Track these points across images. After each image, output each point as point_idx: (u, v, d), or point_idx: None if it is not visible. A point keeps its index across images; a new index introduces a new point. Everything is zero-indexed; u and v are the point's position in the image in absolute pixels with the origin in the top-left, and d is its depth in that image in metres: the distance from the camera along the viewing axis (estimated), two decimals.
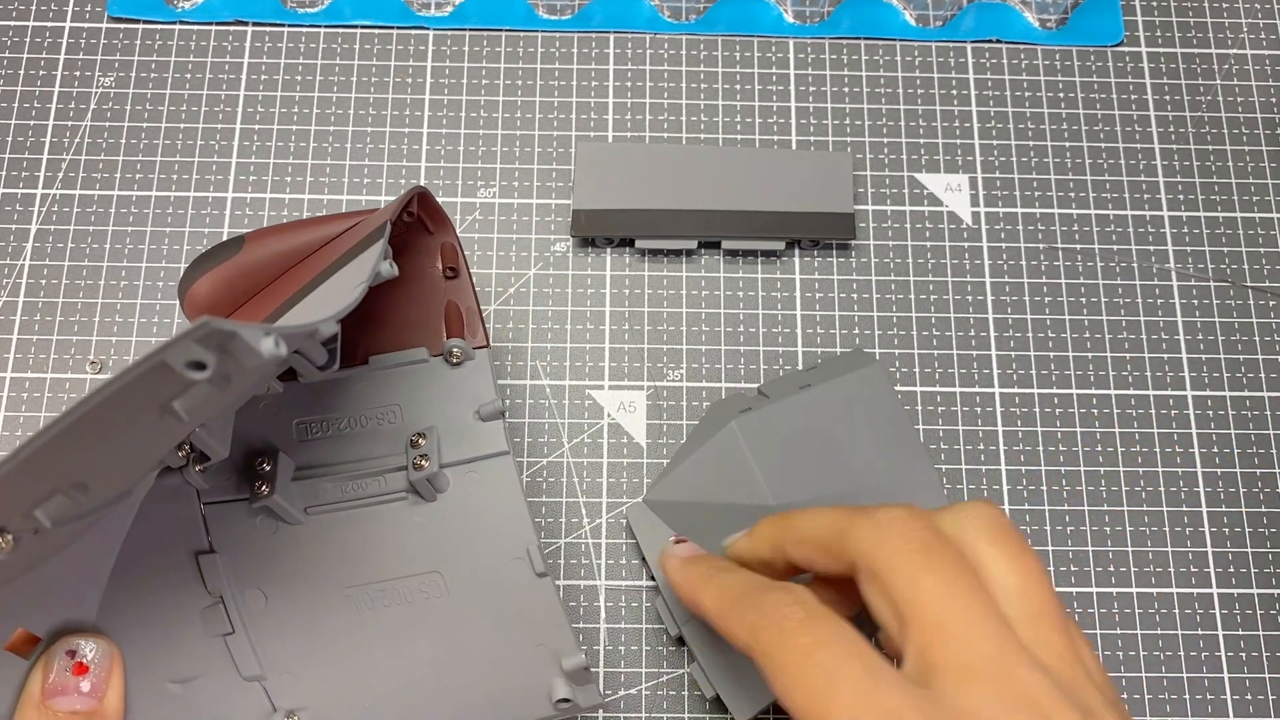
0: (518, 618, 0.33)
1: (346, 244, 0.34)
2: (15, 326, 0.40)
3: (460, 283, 0.36)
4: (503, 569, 0.34)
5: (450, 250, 0.37)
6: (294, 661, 0.33)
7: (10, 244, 0.41)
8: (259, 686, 0.32)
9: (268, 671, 0.32)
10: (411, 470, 0.34)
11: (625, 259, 0.41)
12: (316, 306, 0.29)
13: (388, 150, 0.42)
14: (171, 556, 0.32)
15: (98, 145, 0.42)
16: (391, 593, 0.34)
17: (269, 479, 0.33)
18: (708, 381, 0.40)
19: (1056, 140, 0.43)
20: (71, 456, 0.23)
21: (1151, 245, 0.42)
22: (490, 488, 0.35)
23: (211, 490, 0.33)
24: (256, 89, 0.43)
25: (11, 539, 0.24)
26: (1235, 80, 0.44)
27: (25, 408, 0.39)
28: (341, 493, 0.34)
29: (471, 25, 0.44)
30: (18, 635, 0.28)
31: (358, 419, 0.35)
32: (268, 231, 0.36)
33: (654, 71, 0.44)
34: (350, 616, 0.33)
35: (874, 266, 0.42)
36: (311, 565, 0.33)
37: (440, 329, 0.36)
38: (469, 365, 0.36)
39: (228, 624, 0.32)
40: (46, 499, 0.24)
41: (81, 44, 0.43)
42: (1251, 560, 0.38)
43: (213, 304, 0.35)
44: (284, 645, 0.33)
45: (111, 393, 0.21)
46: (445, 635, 0.33)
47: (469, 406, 0.35)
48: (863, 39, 0.44)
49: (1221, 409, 0.40)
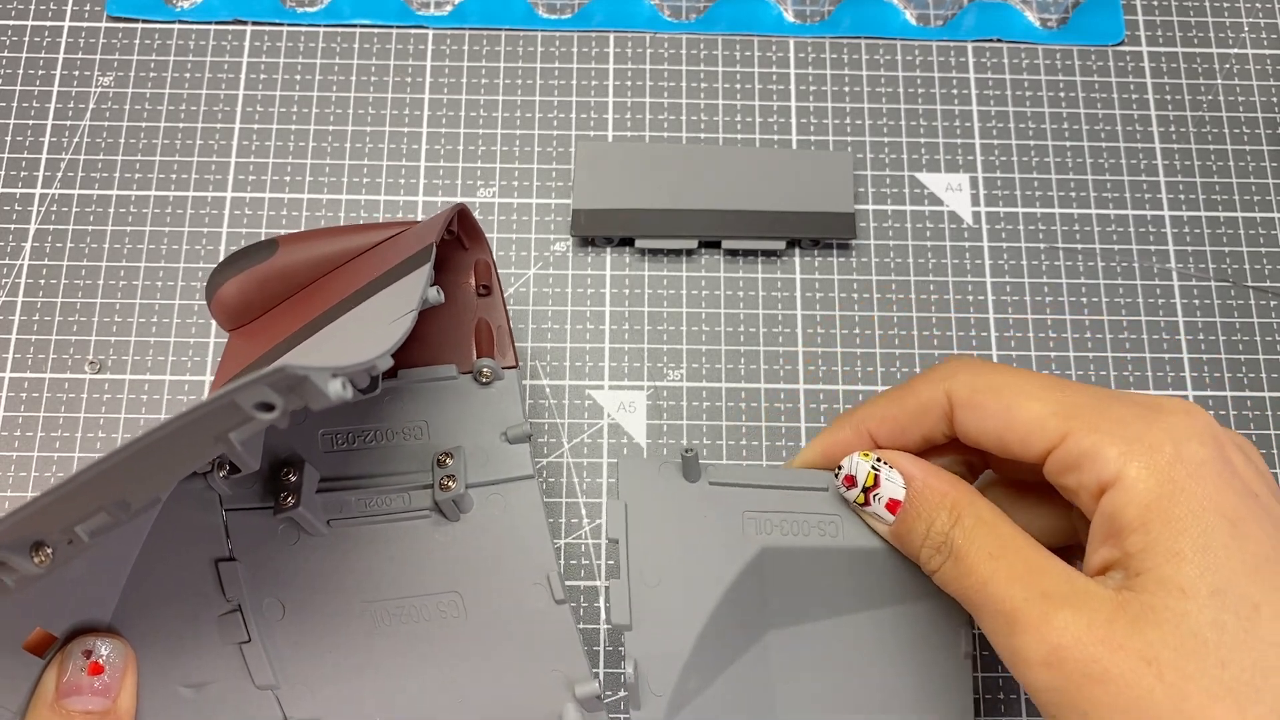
0: (533, 642, 0.33)
1: (384, 257, 0.34)
2: (15, 326, 0.40)
3: (492, 300, 0.36)
4: (521, 593, 0.33)
5: (484, 267, 0.36)
6: (308, 673, 0.32)
7: (10, 244, 0.41)
8: (272, 695, 0.32)
9: (281, 681, 0.32)
10: (438, 490, 0.34)
11: (625, 259, 0.41)
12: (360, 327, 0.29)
13: (388, 150, 0.42)
14: (191, 561, 0.32)
15: (97, 145, 0.42)
16: (409, 610, 0.33)
17: (294, 490, 0.33)
18: (708, 381, 0.40)
19: (1057, 140, 0.43)
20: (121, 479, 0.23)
21: (1152, 245, 0.42)
22: (513, 511, 0.34)
23: (234, 497, 0.33)
24: (256, 89, 0.43)
25: (50, 553, 0.24)
26: (1236, 80, 0.44)
27: (25, 408, 0.39)
28: (365, 507, 0.34)
29: (471, 25, 0.44)
30: (35, 634, 0.28)
31: (384, 432, 0.35)
32: (302, 236, 0.36)
33: (654, 71, 0.44)
34: (367, 631, 0.33)
35: (874, 266, 0.42)
36: (331, 578, 0.33)
37: (470, 346, 0.36)
38: (498, 385, 0.35)
39: (244, 632, 0.32)
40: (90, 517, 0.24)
41: (81, 43, 0.43)
42: None
43: (241, 306, 0.35)
44: (299, 656, 0.32)
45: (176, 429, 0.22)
46: (460, 655, 0.33)
47: (496, 427, 0.35)
48: (863, 38, 0.44)
49: (1222, 409, 0.40)
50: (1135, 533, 0.26)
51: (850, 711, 0.33)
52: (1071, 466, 0.28)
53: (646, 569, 0.32)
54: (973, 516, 0.29)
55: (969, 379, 0.30)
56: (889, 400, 0.32)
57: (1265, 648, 0.24)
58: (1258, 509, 0.26)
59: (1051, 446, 0.28)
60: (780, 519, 0.32)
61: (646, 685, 0.31)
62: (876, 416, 0.32)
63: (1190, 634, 0.24)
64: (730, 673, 0.32)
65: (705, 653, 0.32)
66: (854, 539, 0.32)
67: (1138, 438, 0.27)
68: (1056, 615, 0.26)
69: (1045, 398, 0.28)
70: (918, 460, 0.31)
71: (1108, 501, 0.27)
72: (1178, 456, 0.26)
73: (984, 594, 0.28)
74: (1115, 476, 0.26)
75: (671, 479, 0.33)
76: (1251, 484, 0.27)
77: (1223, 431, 0.28)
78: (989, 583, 0.28)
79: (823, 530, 0.32)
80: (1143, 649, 0.25)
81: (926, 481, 0.30)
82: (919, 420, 0.31)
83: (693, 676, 0.32)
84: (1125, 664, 0.25)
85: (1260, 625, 0.24)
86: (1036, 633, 0.26)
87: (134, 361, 0.40)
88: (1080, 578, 0.27)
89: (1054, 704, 0.26)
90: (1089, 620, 0.25)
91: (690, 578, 0.32)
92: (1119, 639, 0.25)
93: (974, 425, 0.30)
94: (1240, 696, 0.24)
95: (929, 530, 0.30)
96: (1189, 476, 0.26)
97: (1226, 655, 0.24)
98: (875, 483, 0.31)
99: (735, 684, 0.32)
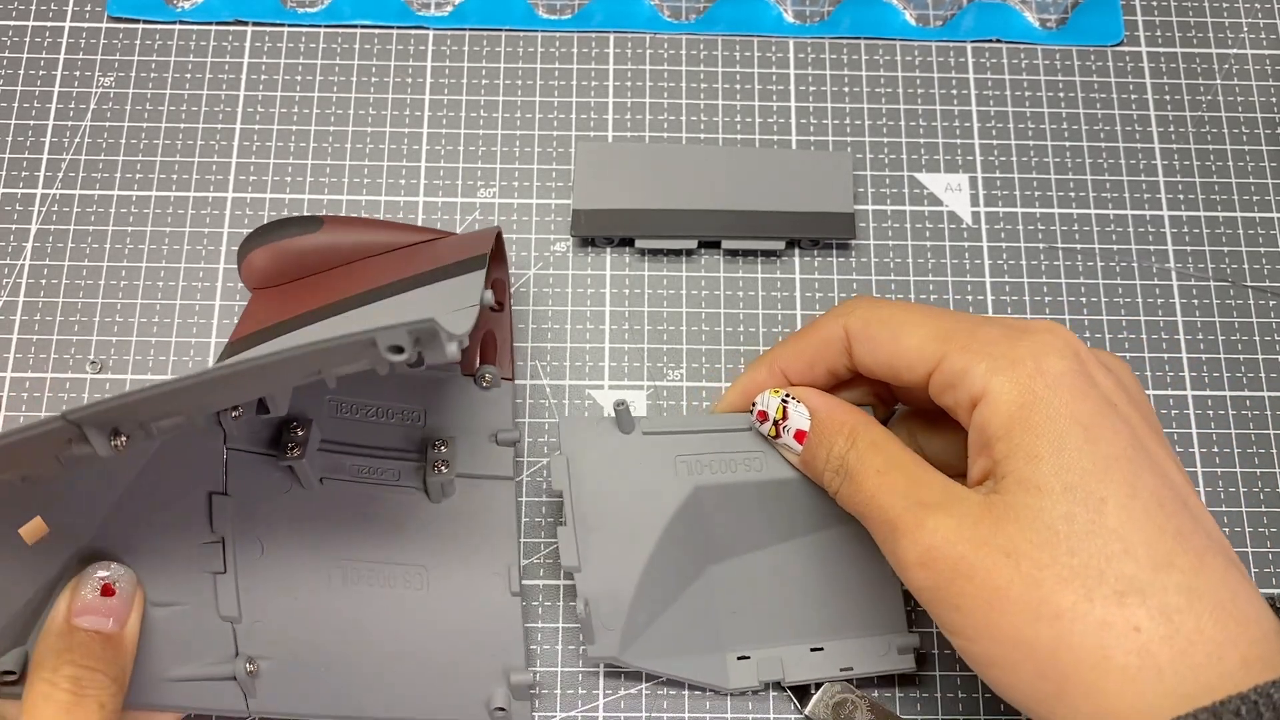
0: (481, 626, 0.35)
1: (419, 259, 0.37)
2: (15, 326, 0.40)
3: (502, 316, 0.39)
4: (481, 579, 0.36)
5: (500, 285, 0.39)
6: (269, 613, 0.34)
7: (10, 244, 0.41)
8: (230, 628, 0.33)
9: (244, 615, 0.33)
10: (431, 471, 0.36)
11: (625, 259, 0.41)
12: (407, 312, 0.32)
13: (388, 150, 0.42)
14: (187, 489, 0.33)
15: (98, 145, 0.42)
16: (378, 574, 0.35)
17: (301, 443, 0.35)
18: (708, 381, 0.40)
19: (1056, 140, 0.43)
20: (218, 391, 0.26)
21: (1151, 245, 0.42)
22: (490, 505, 0.37)
23: (238, 438, 0.34)
24: (256, 89, 0.43)
25: (125, 440, 0.26)
26: (1235, 80, 0.44)
27: (25, 408, 0.39)
28: (358, 472, 0.36)
29: (471, 25, 0.44)
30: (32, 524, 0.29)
31: (385, 410, 0.37)
32: (348, 221, 0.39)
33: (654, 71, 0.44)
34: (334, 586, 0.35)
35: (874, 266, 0.42)
36: (313, 530, 0.35)
37: (475, 352, 0.38)
38: (495, 391, 0.38)
39: (221, 564, 0.33)
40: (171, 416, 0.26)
41: (81, 44, 0.43)
42: (1251, 560, 0.38)
43: (271, 271, 0.38)
44: (265, 596, 0.34)
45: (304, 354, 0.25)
46: (413, 624, 0.35)
47: (487, 428, 0.38)
48: (863, 39, 0.44)
49: (1221, 409, 0.40)
50: (1000, 440, 0.28)
51: (791, 635, 0.36)
52: (948, 386, 0.30)
53: (590, 515, 0.35)
54: (866, 440, 0.32)
55: (864, 313, 0.33)
56: (797, 339, 0.35)
57: (1110, 536, 0.26)
58: (1112, 415, 0.28)
59: (931, 369, 0.30)
60: (710, 459, 0.35)
61: (600, 622, 0.34)
62: (787, 355, 0.35)
63: (1044, 527, 0.27)
64: (677, 606, 0.35)
65: (651, 588, 0.34)
66: (775, 471, 0.35)
67: (1003, 355, 0.29)
68: (929, 519, 0.28)
69: (926, 325, 0.31)
70: (822, 394, 0.34)
71: (978, 414, 0.29)
72: (1038, 370, 0.28)
73: (871, 506, 0.30)
74: (983, 391, 0.29)
75: (608, 432, 0.36)
76: (1110, 394, 0.29)
77: (1086, 349, 0.30)
78: (875, 495, 0.30)
79: (748, 466, 0.35)
80: (1003, 543, 0.27)
81: (829, 412, 0.33)
82: (823, 354, 0.34)
83: (641, 611, 0.34)
84: (988, 558, 0.27)
85: (1106, 517, 0.27)
86: (912, 536, 0.29)
87: (134, 361, 0.40)
88: (956, 487, 0.29)
89: (931, 601, 0.29)
90: (958, 522, 0.28)
91: (631, 520, 0.34)
92: (983, 536, 0.27)
93: (868, 356, 0.32)
94: (1087, 580, 0.26)
95: (829, 455, 0.32)
96: (1047, 387, 0.28)
97: (1075, 544, 0.26)
98: (785, 415, 0.34)
99: (682, 616, 0.35)
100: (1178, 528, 0.27)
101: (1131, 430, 0.28)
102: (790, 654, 0.36)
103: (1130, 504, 0.27)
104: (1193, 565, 0.26)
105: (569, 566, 0.34)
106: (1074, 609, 0.26)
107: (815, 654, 0.36)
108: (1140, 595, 0.26)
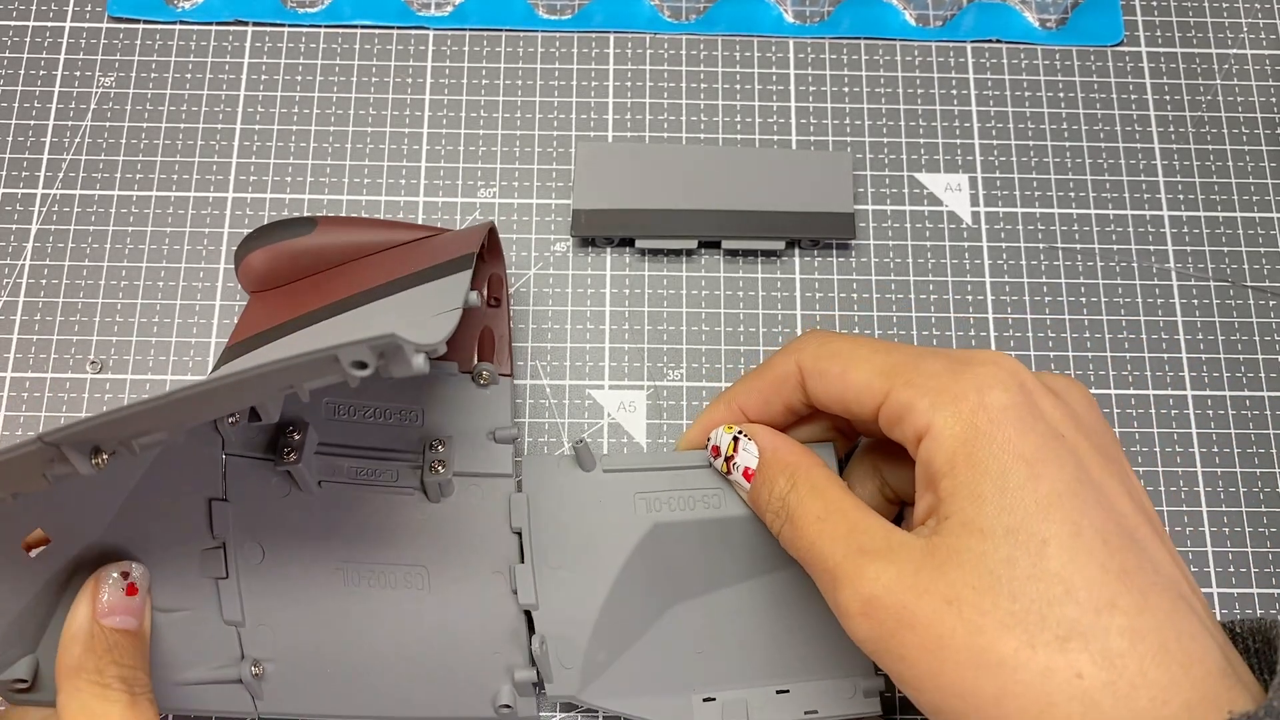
0: (484, 624, 0.35)
1: (414, 257, 0.36)
2: (15, 326, 0.40)
3: (499, 312, 0.39)
4: (481, 578, 0.36)
5: (497, 281, 0.39)
6: (273, 616, 0.34)
7: (10, 244, 0.41)
8: (235, 632, 0.33)
9: (247, 619, 0.33)
10: (427, 471, 0.36)
11: (625, 259, 0.42)
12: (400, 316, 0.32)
13: (388, 150, 0.42)
14: (187, 496, 0.33)
15: (98, 145, 0.42)
16: (378, 575, 0.35)
17: (297, 447, 0.34)
18: (708, 381, 0.40)
19: (1056, 140, 0.43)
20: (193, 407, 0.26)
21: (1151, 245, 0.42)
22: (489, 504, 0.37)
23: (236, 443, 0.34)
24: (256, 89, 0.43)
25: (106, 458, 0.26)
26: (1235, 80, 0.44)
27: (25, 407, 0.39)
28: (356, 474, 0.36)
29: (471, 25, 0.44)
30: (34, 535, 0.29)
31: (382, 411, 0.37)
32: (341, 221, 0.39)
33: (654, 71, 0.44)
34: (335, 588, 0.35)
35: (874, 266, 0.42)
36: (313, 533, 0.35)
37: (473, 349, 0.38)
38: (493, 389, 0.38)
39: (223, 569, 0.33)
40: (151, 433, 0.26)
41: (81, 44, 0.43)
42: (1251, 560, 0.38)
43: (269, 273, 0.38)
44: (269, 599, 0.34)
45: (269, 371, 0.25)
46: (417, 624, 0.35)
47: (485, 426, 0.37)
48: (863, 39, 0.44)
49: (1221, 409, 0.40)
50: (945, 478, 0.28)
51: (757, 677, 0.35)
52: (895, 421, 0.30)
53: (550, 552, 0.35)
54: (807, 483, 0.31)
55: (815, 349, 0.32)
56: (753, 376, 0.35)
57: (1051, 580, 0.26)
58: (1058, 448, 0.27)
59: (879, 404, 0.30)
60: (669, 496, 0.35)
61: (558, 660, 0.34)
62: (744, 392, 0.35)
63: (986, 572, 0.26)
64: (641, 645, 0.35)
65: (611, 626, 0.34)
66: (734, 509, 0.35)
67: (945, 389, 0.28)
68: (869, 568, 0.28)
69: (872, 360, 0.31)
70: (773, 433, 0.34)
71: (923, 450, 0.29)
72: (980, 404, 0.28)
73: (811, 554, 0.30)
74: (926, 426, 0.28)
75: (569, 470, 0.36)
76: (1058, 425, 0.28)
77: (1033, 378, 0.29)
78: (815, 543, 0.30)
79: (707, 503, 0.35)
80: (945, 590, 0.26)
81: (775, 451, 0.33)
82: (779, 391, 0.34)
83: (600, 649, 0.34)
84: (930, 607, 0.26)
85: (1048, 559, 0.26)
86: (852, 586, 0.28)
87: (135, 361, 0.40)
88: (897, 532, 0.29)
89: (876, 652, 0.28)
90: (899, 570, 0.27)
91: (590, 557, 0.35)
92: (924, 584, 0.27)
93: (821, 391, 0.32)
94: (1029, 626, 0.25)
95: (770, 495, 0.32)
96: (990, 422, 0.27)
97: (1017, 589, 0.26)
98: (735, 451, 0.34)
99: (646, 656, 0.35)
100: (1121, 565, 0.26)
101: (1078, 462, 0.28)
102: (755, 696, 0.35)
103: (1073, 544, 0.26)
104: (1136, 605, 0.25)
105: (527, 604, 0.34)
106: (1016, 656, 0.25)
107: (781, 696, 0.35)
108: (1083, 639, 0.25)
